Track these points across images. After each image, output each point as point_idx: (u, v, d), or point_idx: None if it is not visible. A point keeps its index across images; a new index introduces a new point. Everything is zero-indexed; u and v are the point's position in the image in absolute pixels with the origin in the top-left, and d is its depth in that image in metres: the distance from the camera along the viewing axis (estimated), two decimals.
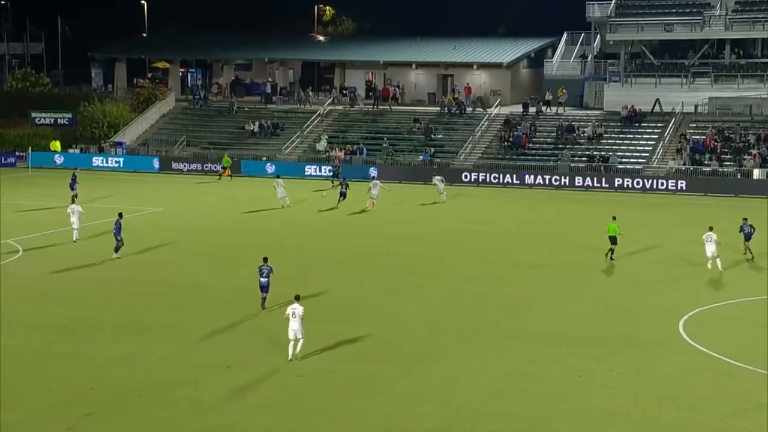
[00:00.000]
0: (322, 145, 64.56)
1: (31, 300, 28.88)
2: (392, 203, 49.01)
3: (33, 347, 24.14)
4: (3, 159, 63.43)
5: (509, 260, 36.05)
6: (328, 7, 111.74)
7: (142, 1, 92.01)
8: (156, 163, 63.44)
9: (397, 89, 72.20)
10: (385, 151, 63.34)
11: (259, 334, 25.49)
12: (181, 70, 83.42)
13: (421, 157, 62.13)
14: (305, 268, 33.59)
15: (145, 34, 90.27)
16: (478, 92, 70.84)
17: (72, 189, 47.00)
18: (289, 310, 23.58)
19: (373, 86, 74.45)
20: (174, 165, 62.71)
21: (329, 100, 71.47)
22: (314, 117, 68.60)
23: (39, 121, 69.09)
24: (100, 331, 25.58)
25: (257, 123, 68.10)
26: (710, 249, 33.06)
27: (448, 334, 26.04)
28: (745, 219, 35.73)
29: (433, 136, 64.69)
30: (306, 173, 60.67)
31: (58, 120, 69.38)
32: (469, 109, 68.01)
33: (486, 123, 65.76)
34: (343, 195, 47.86)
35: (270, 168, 59.98)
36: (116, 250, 34.46)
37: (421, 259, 36.01)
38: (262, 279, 27.72)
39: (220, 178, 59.02)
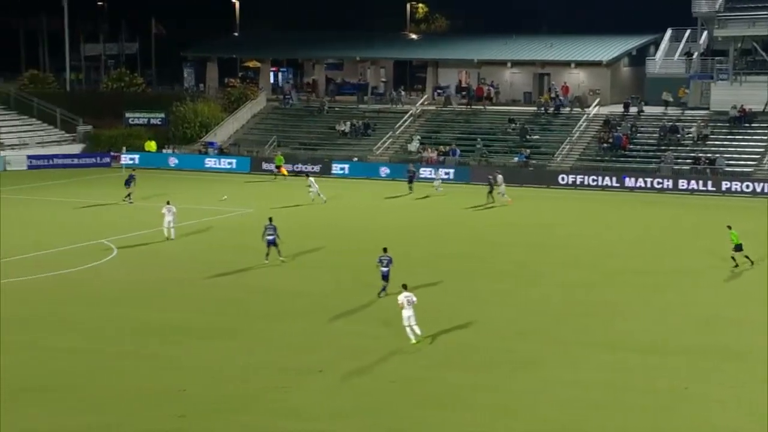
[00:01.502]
0: (414, 145, 64.69)
1: (123, 302, 29.72)
2: (483, 207, 48.77)
3: (126, 349, 24.84)
4: (98, 159, 65.37)
5: (607, 266, 35.59)
6: (421, 5, 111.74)
7: (234, 0, 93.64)
8: (247, 164, 64.43)
9: (492, 88, 71.84)
10: (478, 152, 63.10)
11: (350, 339, 25.74)
12: (272, 69, 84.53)
13: (516, 158, 61.71)
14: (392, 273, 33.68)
15: (236, 33, 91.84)
16: (576, 91, 69.97)
17: (127, 186, 48.73)
18: (403, 298, 24.89)
19: (466, 85, 74.25)
20: (264, 165, 63.67)
21: (422, 100, 71.58)
22: (406, 117, 68.77)
23: (133, 121, 70.93)
24: (190, 334, 26.19)
25: (348, 123, 68.62)
26: None
27: (540, 342, 25.89)
28: None
29: (528, 136, 64.17)
30: (381, 174, 60.90)
31: (151, 120, 71.11)
32: (566, 109, 67.26)
33: (584, 123, 64.92)
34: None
35: (337, 168, 60.53)
36: (271, 253, 34.79)
37: (511, 264, 35.81)
38: (383, 269, 28.93)
39: (275, 178, 59.91)
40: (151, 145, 66.54)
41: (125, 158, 63.26)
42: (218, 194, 50.67)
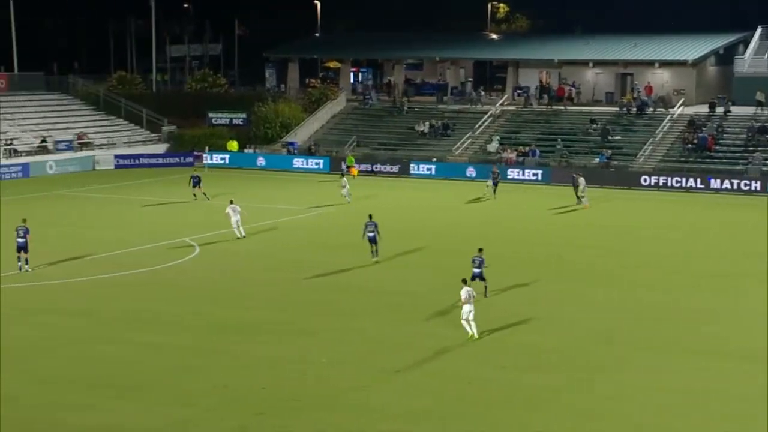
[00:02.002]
0: (493, 146, 64.37)
1: (205, 299, 30.17)
2: (562, 207, 48.28)
3: (207, 346, 25.18)
4: (182, 158, 66.61)
5: (689, 269, 34.91)
6: (501, 5, 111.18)
7: (316, 1, 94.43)
8: (325, 164, 64.81)
9: (573, 89, 71.06)
10: (558, 153, 62.49)
11: (429, 339, 25.71)
12: (352, 69, 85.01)
13: (597, 159, 60.93)
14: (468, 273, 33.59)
15: (317, 34, 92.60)
16: (660, 91, 68.75)
17: (194, 187, 49.14)
18: (464, 293, 25.26)
19: (547, 86, 73.58)
20: (343, 166, 63.88)
21: (501, 100, 71.18)
22: (486, 117, 68.46)
23: (215, 121, 72.09)
24: (270, 332, 26.41)
25: (427, 123, 68.61)
26: None
27: (621, 345, 25.50)
28: None
29: (610, 137, 63.30)
30: (467, 175, 60.64)
31: (233, 120, 72.17)
32: (649, 109, 66.14)
33: (668, 124, 63.77)
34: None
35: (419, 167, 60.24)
36: (374, 253, 34.83)
37: (591, 266, 35.37)
38: (474, 269, 28.92)
39: (343, 176, 60.15)
40: (233, 145, 67.50)
41: (216, 158, 64.54)
42: (298, 195, 51.18)
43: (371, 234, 34.60)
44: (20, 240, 33.06)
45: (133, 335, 25.99)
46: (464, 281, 26.02)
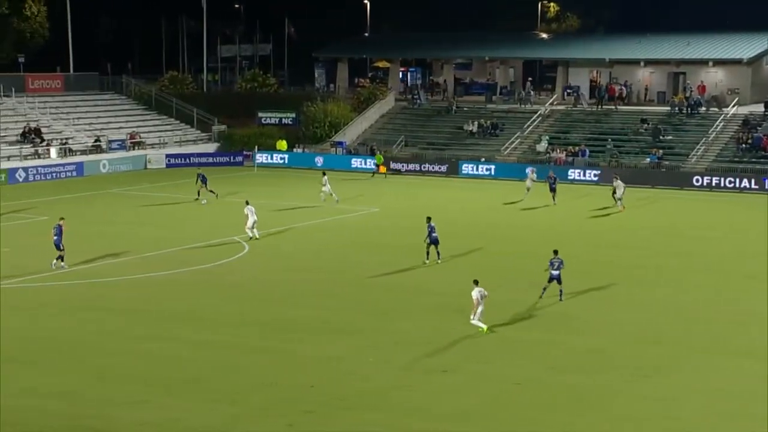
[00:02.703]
0: (542, 146, 64.12)
1: (254, 297, 30.50)
2: (610, 209, 47.96)
3: (251, 344, 25.49)
4: (231, 158, 67.32)
5: (741, 270, 34.53)
6: (552, 4, 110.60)
7: (365, 1, 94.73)
8: (374, 164, 65.05)
9: (624, 88, 70.49)
10: (608, 153, 62.06)
11: (475, 340, 25.78)
12: (401, 69, 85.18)
13: (648, 159, 60.41)
14: (516, 274, 33.60)
15: (366, 34, 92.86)
16: (713, 91, 67.92)
17: (204, 185, 49.31)
18: (477, 293, 25.75)
19: (598, 85, 73.08)
20: (392, 165, 64.23)
21: (551, 100, 70.84)
22: (535, 117, 68.21)
23: (265, 121, 72.72)
24: (318, 331, 26.65)
25: (476, 123, 68.55)
26: None
27: (670, 348, 25.36)
28: None
29: (661, 137, 62.73)
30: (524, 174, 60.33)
31: (282, 120, 72.76)
32: (702, 109, 65.38)
33: (721, 124, 63.02)
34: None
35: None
36: (431, 252, 34.91)
37: (639, 268, 35.10)
38: (553, 272, 28.99)
39: (373, 176, 60.36)
40: (282, 145, 68.04)
41: (276, 157, 65.45)
42: (349, 194, 51.42)
43: (434, 235, 34.55)
44: (54, 238, 33.41)
45: (184, 333, 26.41)
46: (476, 282, 26.23)
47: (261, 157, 65.25)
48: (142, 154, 66.00)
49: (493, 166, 61.70)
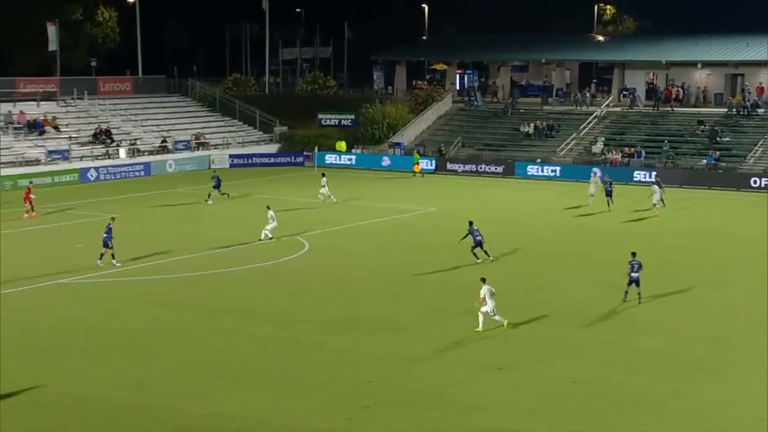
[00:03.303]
0: (598, 147, 63.47)
1: (313, 294, 30.63)
2: (671, 209, 47.30)
3: (313, 340, 25.62)
4: (292, 158, 67.79)
5: None
6: (608, 7, 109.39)
7: (423, 5, 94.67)
8: (431, 164, 64.97)
9: (681, 90, 69.43)
10: (665, 155, 61.21)
11: (530, 338, 25.64)
12: (458, 71, 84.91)
13: (704, 160, 59.46)
14: (563, 277, 33.35)
15: (424, 37, 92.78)
16: None
17: (217, 188, 49.03)
18: (486, 290, 25.71)
19: (654, 87, 72.09)
20: (449, 165, 64.12)
21: (607, 101, 70.07)
22: (591, 118, 67.54)
23: (325, 122, 73.09)
24: (375, 328, 26.68)
25: (532, 124, 68.11)
26: None
27: (732, 350, 24.93)
28: None
29: (718, 138, 61.68)
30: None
31: (342, 121, 73.04)
32: (760, 110, 64.14)
33: None
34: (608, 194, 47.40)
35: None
36: (478, 253, 34.98)
37: (701, 269, 34.57)
38: (633, 274, 28.62)
39: (413, 175, 60.52)
40: (342, 145, 68.30)
41: (344, 158, 66.01)
42: (405, 193, 51.41)
43: (478, 238, 34.55)
44: (104, 236, 33.64)
45: (249, 328, 26.65)
46: (483, 280, 26.28)
47: (330, 158, 65.68)
48: (206, 154, 66.74)
49: (558, 168, 61.00)
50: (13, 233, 40.93)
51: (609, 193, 47.60)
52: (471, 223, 35.29)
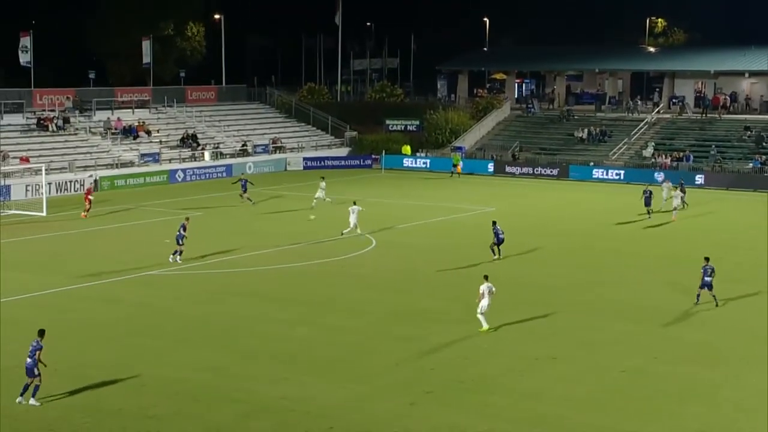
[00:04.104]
0: (648, 151, 62.43)
1: (381, 287, 30.69)
2: (716, 210, 46.29)
3: (379, 330, 25.66)
4: (361, 161, 68.02)
5: None
6: (660, 19, 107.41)
7: (485, 19, 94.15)
8: (490, 167, 64.54)
9: (728, 98, 67.85)
10: (712, 159, 59.94)
11: (578, 331, 25.34)
12: (517, 80, 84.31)
13: (750, 164, 58.07)
14: (617, 274, 32.88)
15: (485, 48, 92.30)
16: None
17: (244, 190, 47.80)
18: (485, 288, 25.00)
19: (702, 95, 70.60)
20: (507, 169, 63.67)
21: (657, 109, 68.85)
22: (642, 125, 66.44)
23: (392, 128, 73.18)
24: (437, 320, 26.56)
25: (586, 130, 67.28)
26: None
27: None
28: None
29: (765, 143, 60.16)
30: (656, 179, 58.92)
31: (407, 127, 73.04)
32: None
33: None
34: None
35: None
36: (494, 250, 34.58)
37: (741, 266, 33.76)
38: (706, 278, 27.44)
39: (451, 176, 60.15)
40: (407, 149, 68.34)
41: (419, 162, 65.88)
42: (463, 193, 51.21)
43: (501, 237, 34.27)
44: (179, 233, 33.44)
45: (319, 318, 26.81)
46: (486, 277, 25.55)
47: (408, 161, 65.72)
48: (282, 157, 67.34)
49: (622, 171, 59.74)
50: (103, 230, 41.88)
51: (648, 202, 44.09)
52: (494, 222, 35.02)
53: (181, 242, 33.58)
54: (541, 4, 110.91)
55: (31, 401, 19.49)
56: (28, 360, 19.53)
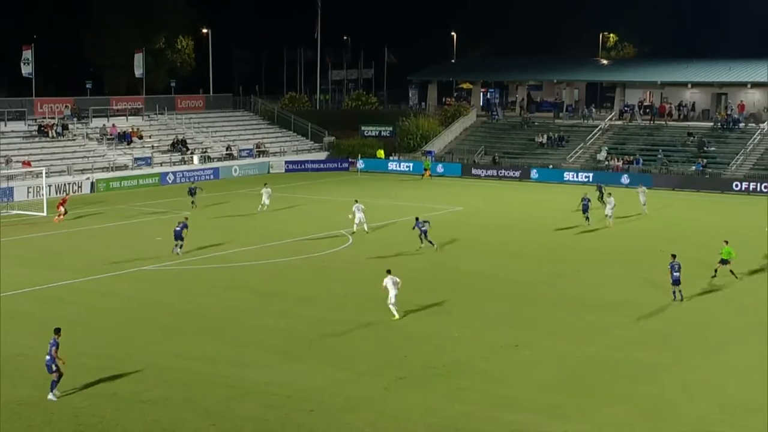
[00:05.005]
0: (602, 155, 62.82)
1: (357, 281, 30.50)
2: (660, 209, 46.63)
3: (357, 320, 25.47)
4: (339, 164, 67.86)
5: None
6: (612, 34, 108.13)
7: (452, 33, 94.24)
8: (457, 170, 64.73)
9: (673, 106, 68.42)
10: (659, 162, 60.42)
11: (545, 321, 25.40)
12: (482, 90, 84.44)
13: (693, 167, 58.62)
14: (577, 268, 33.03)
15: (453, 60, 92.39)
16: (752, 109, 65.51)
17: (191, 195, 45.60)
18: (388, 281, 24.93)
19: (650, 104, 71.18)
20: (473, 171, 63.78)
21: (610, 116, 69.29)
22: (596, 131, 66.84)
23: (367, 133, 73.10)
24: (411, 311, 26.35)
25: (545, 135, 67.57)
26: None
27: (721, 331, 24.47)
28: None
29: (705, 148, 60.74)
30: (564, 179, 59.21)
31: (381, 132, 73.01)
32: (741, 125, 63.06)
33: (758, 137, 60.71)
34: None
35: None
36: (424, 243, 35.13)
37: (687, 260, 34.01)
38: (674, 274, 26.89)
39: (422, 177, 60.56)
40: (381, 153, 68.31)
41: (402, 165, 65.59)
42: (432, 195, 51.10)
43: (424, 229, 34.87)
44: (176, 230, 33.85)
45: (301, 310, 26.67)
46: (388, 271, 25.49)
47: (392, 165, 65.68)
48: (265, 161, 67.00)
49: (591, 174, 59.16)
50: (100, 228, 41.45)
51: (585, 209, 41.63)
52: (417, 218, 35.61)
53: (182, 235, 33.69)
54: (506, 19, 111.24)
55: (49, 396, 18.97)
56: (47, 357, 19.08)
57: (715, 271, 29.93)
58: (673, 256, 27.49)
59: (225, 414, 18.33)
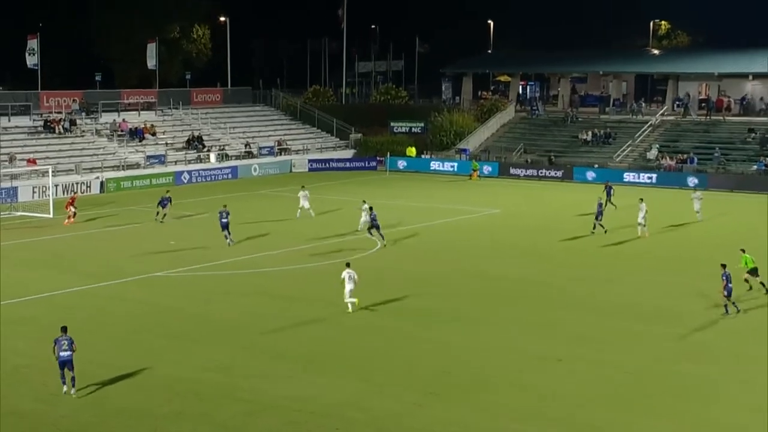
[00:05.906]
0: (652, 153, 62.33)
1: (383, 287, 30.52)
2: (718, 214, 46.16)
3: (385, 326, 25.57)
4: (366, 163, 68.05)
5: None
6: (663, 22, 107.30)
7: (489, 21, 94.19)
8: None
9: (732, 100, 67.70)
10: (716, 161, 59.81)
11: (585, 330, 25.29)
12: (521, 83, 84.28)
13: (755, 166, 57.93)
14: (620, 274, 32.85)
15: (489, 51, 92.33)
16: None
17: (163, 207, 42.84)
18: (345, 274, 26.33)
19: (706, 97, 70.50)
20: (512, 170, 63.65)
21: (661, 111, 68.76)
22: (646, 127, 66.35)
23: (396, 129, 73.25)
24: (444, 320, 26.52)
25: (590, 132, 67.22)
26: None
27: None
28: None
29: None
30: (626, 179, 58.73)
31: (412, 129, 73.13)
32: None
33: None
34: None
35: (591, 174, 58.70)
36: (373, 233, 35.99)
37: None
38: (729, 285, 26.49)
39: (470, 178, 60.60)
40: (411, 151, 68.37)
41: (447, 165, 65.58)
42: (470, 197, 50.98)
43: (376, 222, 36.54)
44: (223, 221, 36.37)
45: (325, 316, 26.70)
46: (348, 264, 26.87)
47: (435, 164, 65.70)
48: (287, 159, 67.41)
49: (654, 175, 58.88)
50: (110, 231, 41.92)
51: (599, 215, 40.35)
52: (371, 208, 37.31)
53: (227, 228, 36.48)
54: (545, 7, 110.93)
55: (72, 391, 20.08)
56: (69, 353, 19.98)
57: (746, 281, 29.34)
58: (723, 266, 26.86)
59: (242, 430, 18.47)
